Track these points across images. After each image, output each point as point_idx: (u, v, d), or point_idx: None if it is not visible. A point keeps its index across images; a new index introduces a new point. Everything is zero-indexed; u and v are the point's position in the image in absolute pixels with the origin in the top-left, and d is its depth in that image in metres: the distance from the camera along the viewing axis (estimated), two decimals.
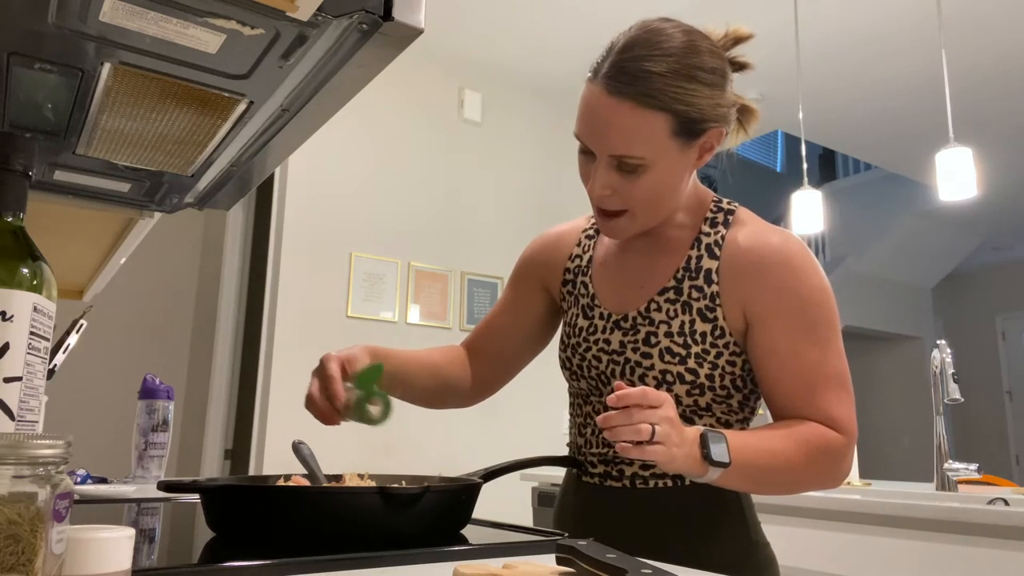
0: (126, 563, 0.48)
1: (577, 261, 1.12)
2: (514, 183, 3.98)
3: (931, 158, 3.22)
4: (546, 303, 1.17)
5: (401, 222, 3.59)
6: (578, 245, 1.14)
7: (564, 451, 1.14)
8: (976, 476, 2.05)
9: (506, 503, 2.38)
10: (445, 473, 1.08)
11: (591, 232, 1.14)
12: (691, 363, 0.96)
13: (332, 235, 3.38)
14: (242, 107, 0.76)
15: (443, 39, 3.65)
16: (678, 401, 0.97)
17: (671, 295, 0.99)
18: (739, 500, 1.00)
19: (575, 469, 1.08)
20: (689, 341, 0.97)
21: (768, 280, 0.95)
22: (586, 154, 0.96)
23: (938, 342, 2.15)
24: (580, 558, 0.60)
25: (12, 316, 0.55)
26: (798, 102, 3.50)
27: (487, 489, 0.97)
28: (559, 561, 0.64)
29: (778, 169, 9.13)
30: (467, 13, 3.45)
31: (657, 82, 0.88)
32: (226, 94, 0.73)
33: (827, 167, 8.17)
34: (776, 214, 7.49)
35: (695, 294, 0.98)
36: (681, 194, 0.99)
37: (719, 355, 0.97)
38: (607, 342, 1.02)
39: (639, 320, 1.00)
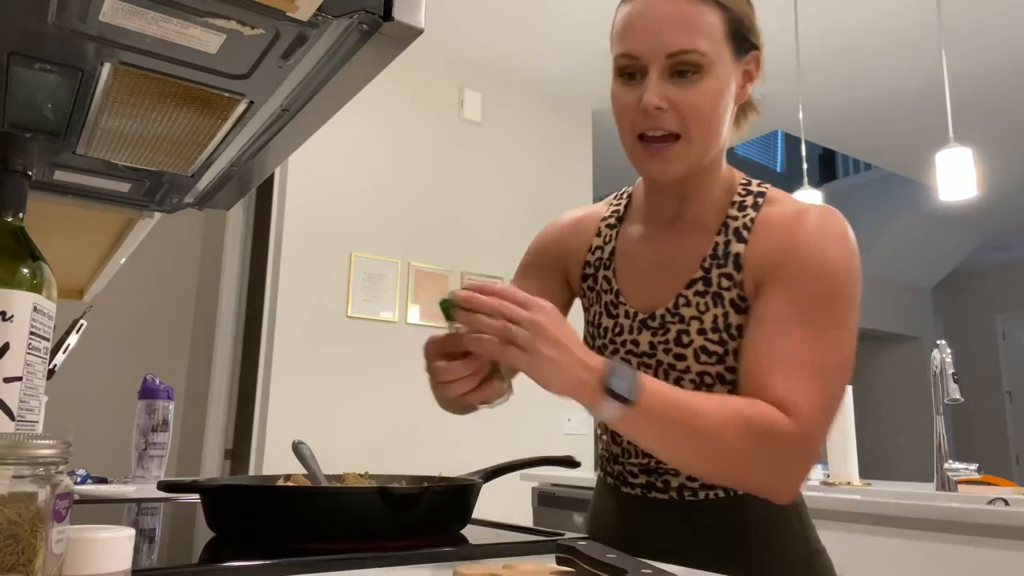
0: (126, 563, 0.48)
1: (598, 253, 1.03)
2: (514, 183, 3.98)
3: (931, 158, 3.22)
4: (566, 294, 1.06)
5: (401, 222, 3.59)
6: (598, 235, 1.04)
7: (564, 451, 1.14)
8: (976, 476, 2.05)
9: (506, 503, 2.38)
10: (445, 473, 1.08)
11: (612, 221, 1.04)
12: (730, 361, 0.88)
13: (332, 235, 3.38)
14: (242, 107, 0.76)
15: (443, 39, 3.65)
16: None
17: (700, 287, 0.91)
18: (795, 506, 0.92)
19: (608, 478, 1.01)
20: (725, 337, 0.88)
21: (788, 239, 0.87)
22: (629, 77, 0.89)
23: (938, 342, 2.15)
24: (580, 558, 0.61)
25: (12, 316, 0.55)
26: (798, 102, 3.50)
27: (487, 489, 0.97)
28: (559, 561, 0.64)
29: (778, 169, 9.13)
30: (467, 13, 3.45)
31: None
32: (226, 94, 0.73)
33: (827, 167, 8.16)
34: None
35: (725, 283, 0.89)
36: (726, 127, 0.91)
37: None
38: (635, 343, 0.94)
39: (668, 318, 0.92)
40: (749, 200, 0.94)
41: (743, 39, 0.89)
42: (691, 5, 0.86)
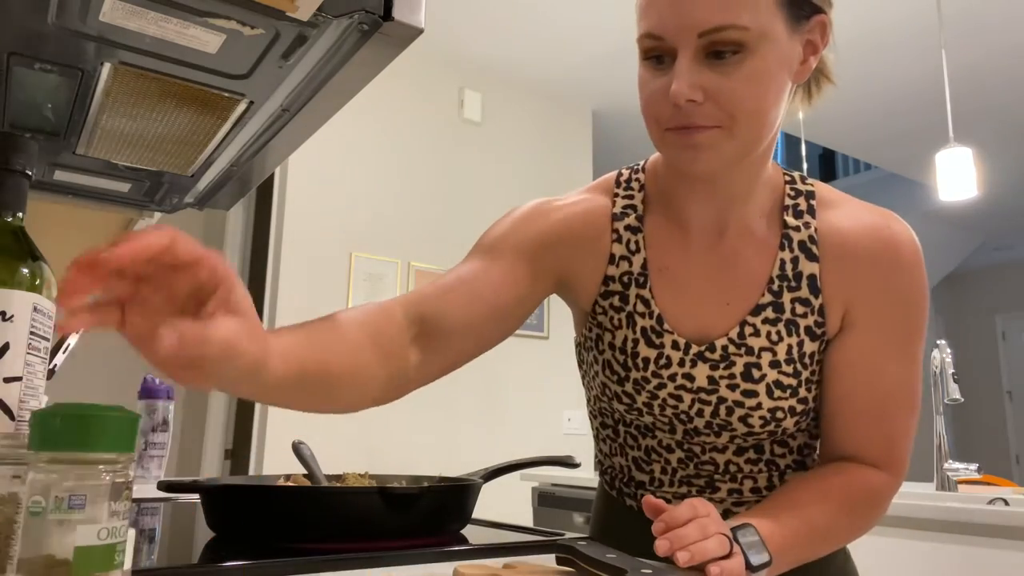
0: (126, 563, 0.48)
1: (624, 265, 0.85)
2: (514, 183, 3.98)
3: (931, 158, 3.22)
4: (547, 292, 0.87)
5: (401, 222, 3.59)
6: (618, 240, 0.85)
7: (564, 451, 1.13)
8: (976, 476, 2.05)
9: (506, 503, 2.38)
10: (445, 473, 1.08)
11: (632, 222, 0.85)
12: (802, 392, 0.80)
13: (332, 235, 3.38)
14: (242, 107, 0.76)
15: (443, 39, 3.65)
16: (783, 430, 0.82)
17: (769, 313, 0.80)
18: None
19: (627, 500, 0.91)
20: (799, 367, 0.80)
21: (876, 279, 0.79)
22: (657, 60, 0.73)
23: (938, 342, 2.15)
24: (580, 558, 0.60)
25: (12, 316, 0.55)
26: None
27: (487, 489, 0.97)
28: (559, 561, 0.64)
29: None
30: (467, 13, 3.45)
31: None
32: (226, 94, 0.73)
33: (827, 167, 8.16)
34: None
35: (800, 309, 0.79)
36: (779, 113, 0.75)
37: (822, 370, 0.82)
38: (689, 377, 0.81)
39: (732, 349, 0.80)
40: (802, 203, 0.82)
41: (800, 5, 0.72)
42: None
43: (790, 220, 0.82)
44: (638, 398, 0.84)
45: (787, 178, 0.85)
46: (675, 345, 0.82)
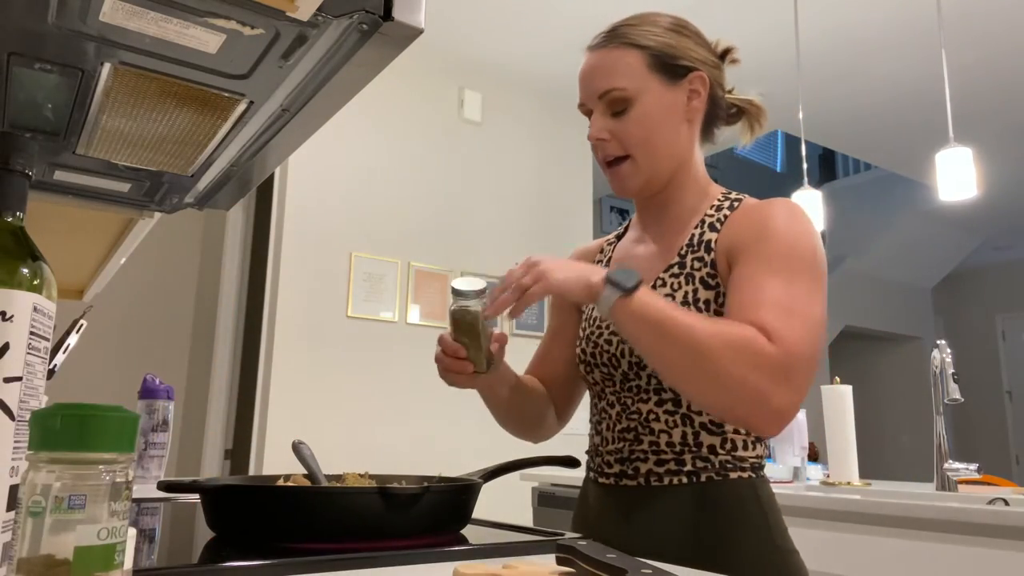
0: (126, 563, 0.48)
1: (600, 266, 1.13)
2: (514, 183, 3.98)
3: (931, 158, 3.23)
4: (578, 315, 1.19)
5: (401, 222, 3.59)
6: (601, 252, 1.20)
7: (564, 451, 1.14)
8: (976, 476, 2.05)
9: (506, 503, 2.39)
10: (445, 473, 1.08)
11: (612, 239, 1.20)
12: None
13: (332, 235, 3.38)
14: (242, 107, 0.76)
15: (443, 39, 3.65)
16: None
17: (675, 270, 1.02)
18: (759, 502, 0.96)
19: (590, 472, 1.09)
20: (691, 310, 0.97)
21: (750, 223, 0.99)
22: (590, 119, 1.04)
23: (938, 342, 2.15)
24: (580, 558, 0.61)
25: (12, 316, 0.55)
26: (798, 102, 3.50)
27: (487, 489, 0.97)
28: (559, 561, 0.64)
29: (778, 169, 9.13)
30: (467, 13, 3.45)
31: (634, 32, 1.03)
32: (226, 94, 0.73)
33: (827, 167, 8.17)
34: None
35: (697, 264, 1.01)
36: (678, 142, 1.04)
37: None
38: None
39: None
40: (727, 203, 1.05)
41: (673, 67, 1.02)
42: (611, 52, 1.02)
43: (710, 212, 1.05)
44: (588, 349, 1.08)
45: (724, 192, 1.08)
46: None
